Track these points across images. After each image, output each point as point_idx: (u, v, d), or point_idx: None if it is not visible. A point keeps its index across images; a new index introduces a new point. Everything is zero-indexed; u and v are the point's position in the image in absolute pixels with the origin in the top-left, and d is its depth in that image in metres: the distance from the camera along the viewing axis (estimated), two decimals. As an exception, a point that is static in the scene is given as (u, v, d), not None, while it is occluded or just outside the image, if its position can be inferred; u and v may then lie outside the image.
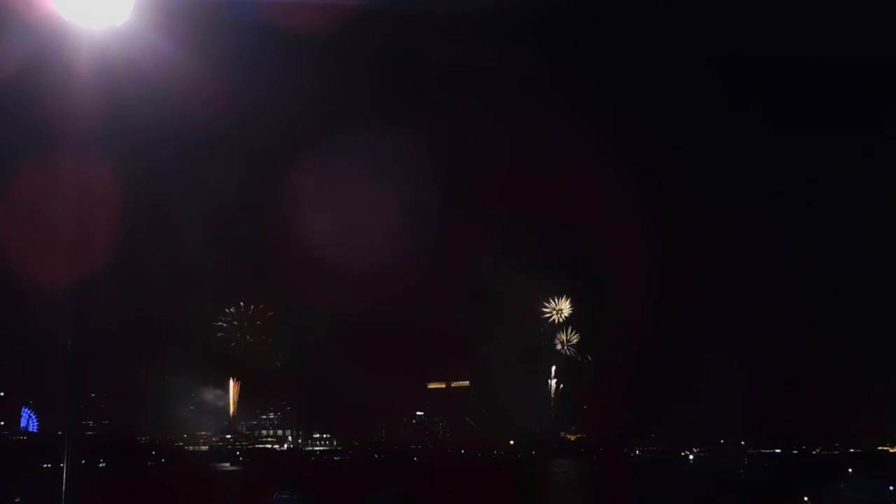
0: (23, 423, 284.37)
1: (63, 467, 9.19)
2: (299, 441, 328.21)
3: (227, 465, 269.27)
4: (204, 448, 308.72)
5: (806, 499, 51.19)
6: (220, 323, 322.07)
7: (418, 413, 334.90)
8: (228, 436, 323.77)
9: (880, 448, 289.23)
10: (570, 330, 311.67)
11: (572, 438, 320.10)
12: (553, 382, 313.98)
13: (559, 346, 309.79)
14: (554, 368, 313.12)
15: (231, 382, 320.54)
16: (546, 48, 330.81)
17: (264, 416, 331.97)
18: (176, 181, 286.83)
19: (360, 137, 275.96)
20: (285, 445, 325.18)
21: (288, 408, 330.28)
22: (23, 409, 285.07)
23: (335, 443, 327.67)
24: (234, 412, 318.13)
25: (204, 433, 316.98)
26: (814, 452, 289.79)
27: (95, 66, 9.92)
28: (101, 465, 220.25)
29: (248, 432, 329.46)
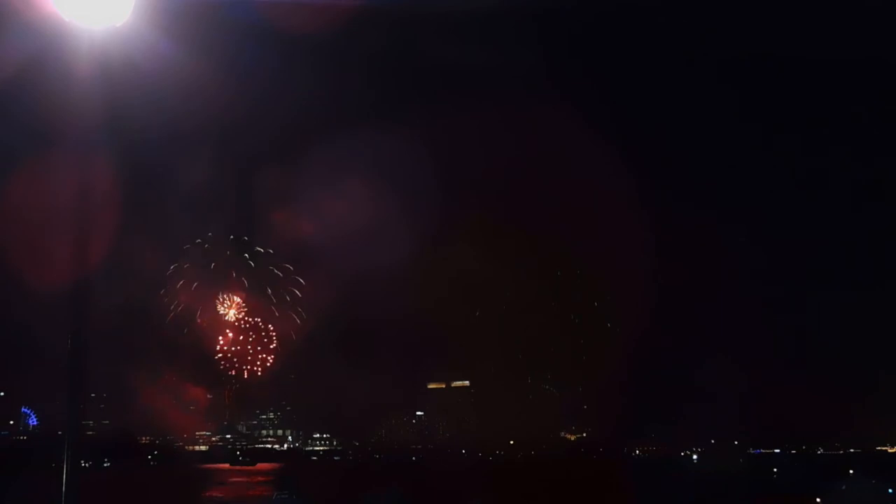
0: (22, 423, 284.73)
1: (63, 467, 9.17)
2: (299, 441, 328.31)
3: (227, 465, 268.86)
4: (204, 448, 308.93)
5: (818, 500, 51.15)
6: (219, 323, 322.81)
7: (418, 413, 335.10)
8: (228, 436, 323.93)
9: (879, 448, 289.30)
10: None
11: (572, 438, 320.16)
12: (552, 382, 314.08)
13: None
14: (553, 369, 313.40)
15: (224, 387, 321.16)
16: (546, 48, 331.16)
17: (264, 416, 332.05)
18: (175, 180, 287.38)
19: (360, 137, 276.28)
20: (285, 445, 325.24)
21: (288, 408, 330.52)
22: (23, 408, 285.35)
23: (335, 443, 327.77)
24: (228, 403, 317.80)
25: (204, 433, 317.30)
26: (818, 452, 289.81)
27: (95, 66, 9.91)
28: (105, 465, 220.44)
29: (248, 432, 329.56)
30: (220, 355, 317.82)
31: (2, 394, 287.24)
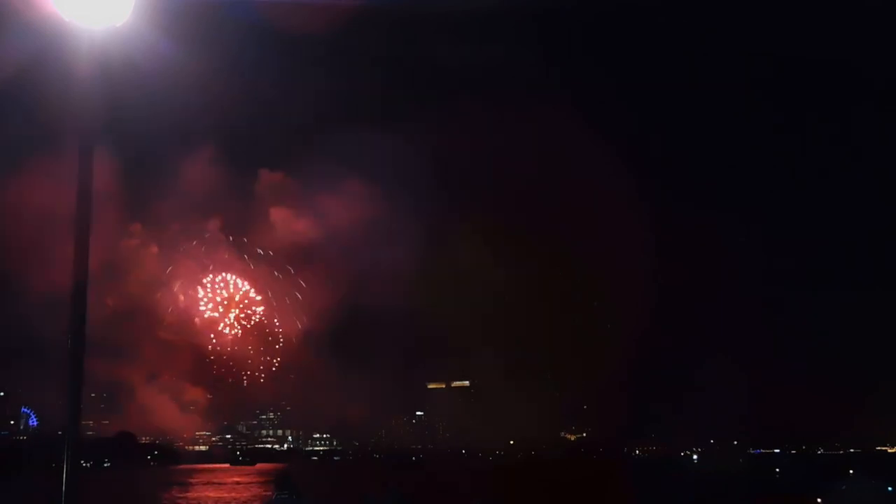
0: (22, 423, 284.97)
1: (63, 467, 9.17)
2: (299, 441, 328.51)
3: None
4: (204, 448, 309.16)
5: (819, 500, 51.06)
6: (219, 325, 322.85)
7: (418, 413, 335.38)
8: (228, 436, 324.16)
9: (879, 448, 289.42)
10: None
11: (572, 438, 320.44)
12: (552, 382, 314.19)
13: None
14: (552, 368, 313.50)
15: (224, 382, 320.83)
16: (546, 48, 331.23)
17: (264, 416, 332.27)
18: (174, 180, 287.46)
19: (360, 137, 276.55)
20: (285, 445, 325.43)
21: (288, 408, 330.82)
22: (23, 408, 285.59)
23: (335, 443, 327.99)
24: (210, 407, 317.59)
25: (204, 433, 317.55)
26: (818, 452, 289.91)
27: (95, 66, 9.90)
28: (105, 465, 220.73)
29: (248, 432, 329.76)
30: (211, 357, 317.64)
31: (2, 394, 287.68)
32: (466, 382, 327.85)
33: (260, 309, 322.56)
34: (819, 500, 53.36)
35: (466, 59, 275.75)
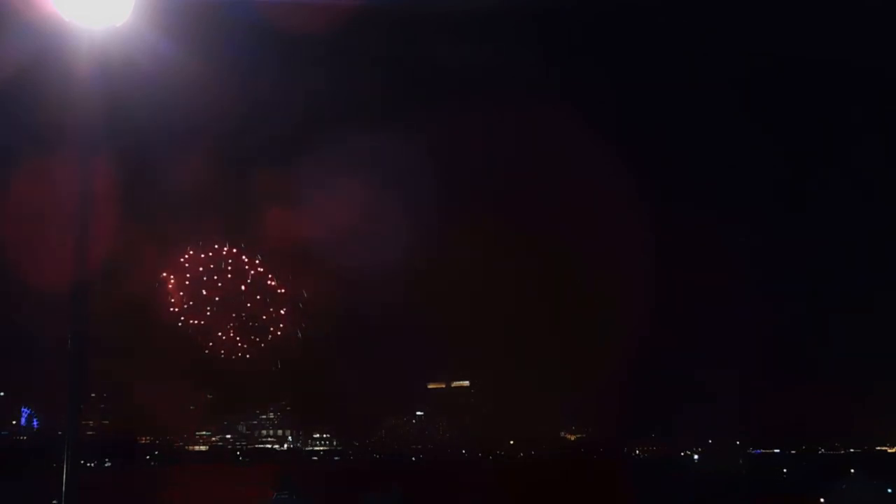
0: (22, 423, 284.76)
1: (63, 467, 9.18)
2: (299, 441, 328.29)
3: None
4: (204, 448, 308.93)
5: (822, 500, 51.06)
6: (219, 329, 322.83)
7: (418, 413, 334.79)
8: (228, 436, 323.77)
9: (879, 448, 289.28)
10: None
11: (572, 438, 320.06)
12: (553, 382, 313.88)
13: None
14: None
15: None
16: (546, 48, 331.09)
17: (264, 416, 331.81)
18: (175, 181, 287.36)
19: (360, 137, 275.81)
20: (285, 445, 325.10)
21: (288, 408, 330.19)
22: (23, 408, 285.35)
23: (335, 443, 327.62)
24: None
25: (204, 433, 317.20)
26: (818, 452, 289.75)
27: (95, 66, 9.90)
28: (107, 465, 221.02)
29: (248, 432, 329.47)
30: (210, 357, 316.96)
31: (2, 394, 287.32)
32: (466, 382, 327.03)
33: (261, 308, 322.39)
34: (822, 500, 53.34)
35: (466, 59, 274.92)
